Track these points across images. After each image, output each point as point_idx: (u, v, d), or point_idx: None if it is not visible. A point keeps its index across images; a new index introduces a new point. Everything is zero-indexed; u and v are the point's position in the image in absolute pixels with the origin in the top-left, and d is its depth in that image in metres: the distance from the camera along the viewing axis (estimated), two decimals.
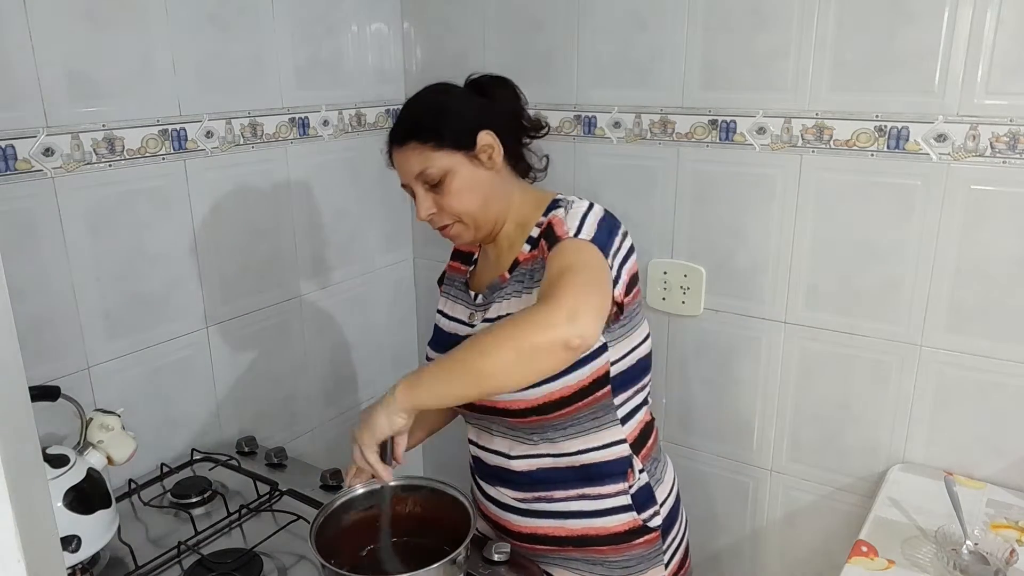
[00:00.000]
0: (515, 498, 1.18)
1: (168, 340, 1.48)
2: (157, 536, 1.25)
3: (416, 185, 1.11)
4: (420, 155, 1.09)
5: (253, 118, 1.57)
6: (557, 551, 1.18)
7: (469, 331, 1.17)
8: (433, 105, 1.13)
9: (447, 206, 1.10)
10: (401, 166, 1.12)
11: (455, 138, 1.09)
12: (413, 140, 1.09)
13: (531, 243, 1.13)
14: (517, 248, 1.15)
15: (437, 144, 1.08)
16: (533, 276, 1.10)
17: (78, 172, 1.29)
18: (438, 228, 1.15)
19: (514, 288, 1.13)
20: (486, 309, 1.16)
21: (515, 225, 1.17)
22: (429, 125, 1.09)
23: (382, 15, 1.85)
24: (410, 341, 2.11)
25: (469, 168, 1.10)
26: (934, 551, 1.22)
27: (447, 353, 0.99)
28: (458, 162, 1.09)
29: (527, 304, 1.08)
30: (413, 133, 1.10)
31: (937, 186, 1.34)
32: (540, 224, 1.13)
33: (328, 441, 1.89)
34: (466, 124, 1.10)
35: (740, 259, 1.56)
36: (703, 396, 1.69)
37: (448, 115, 1.11)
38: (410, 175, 1.11)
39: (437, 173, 1.09)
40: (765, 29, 1.43)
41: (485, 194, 1.12)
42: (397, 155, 1.13)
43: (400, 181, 1.15)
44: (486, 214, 1.13)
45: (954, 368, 1.40)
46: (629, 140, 1.63)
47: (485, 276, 1.21)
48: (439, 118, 1.10)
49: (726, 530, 1.74)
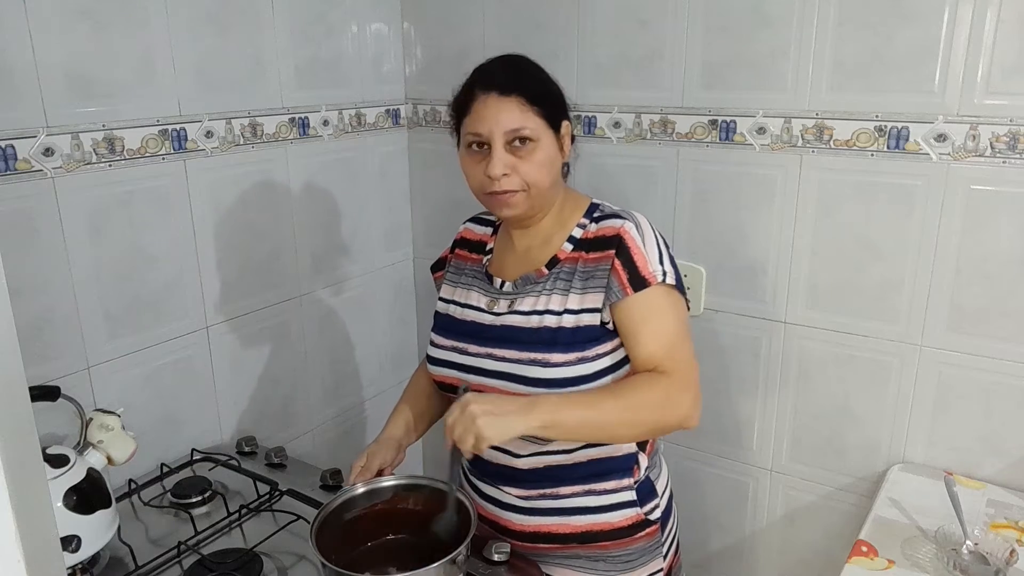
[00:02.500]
0: (519, 496, 1.18)
1: (168, 340, 1.48)
2: (157, 536, 1.25)
3: (499, 140, 1.08)
4: (522, 112, 1.08)
5: (253, 118, 1.57)
6: (560, 549, 1.18)
7: (493, 319, 1.16)
8: (541, 74, 1.16)
9: (525, 172, 1.09)
10: (494, 115, 1.07)
11: (554, 114, 1.12)
12: (521, 96, 1.08)
13: (573, 243, 1.14)
14: (556, 245, 1.15)
15: (540, 110, 1.09)
16: (587, 280, 1.10)
17: (78, 172, 1.29)
18: (495, 192, 1.10)
19: (557, 286, 1.12)
20: (515, 300, 1.15)
21: (555, 220, 1.17)
22: (540, 90, 1.11)
23: (382, 15, 1.85)
24: (410, 341, 2.11)
25: (553, 145, 1.12)
26: (934, 551, 1.22)
27: (587, 398, 1.05)
28: (548, 136, 1.11)
29: (574, 303, 1.10)
30: (523, 89, 1.09)
31: (937, 186, 1.34)
32: (583, 226, 1.15)
33: (328, 441, 1.89)
34: (562, 106, 1.15)
35: (740, 259, 1.56)
36: (703, 396, 1.67)
37: (553, 89, 1.15)
38: (502, 127, 1.07)
39: (531, 135, 1.09)
40: (765, 29, 1.43)
41: (554, 175, 1.13)
42: (494, 102, 1.08)
43: (475, 129, 1.09)
44: (548, 193, 1.14)
45: (954, 368, 1.40)
46: (629, 140, 1.63)
47: (511, 265, 1.20)
48: (549, 89, 1.14)
49: (726, 530, 1.74)
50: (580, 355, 1.08)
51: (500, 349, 1.12)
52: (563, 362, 1.07)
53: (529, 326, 1.11)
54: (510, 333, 1.13)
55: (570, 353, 1.07)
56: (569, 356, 1.07)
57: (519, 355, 1.10)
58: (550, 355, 1.08)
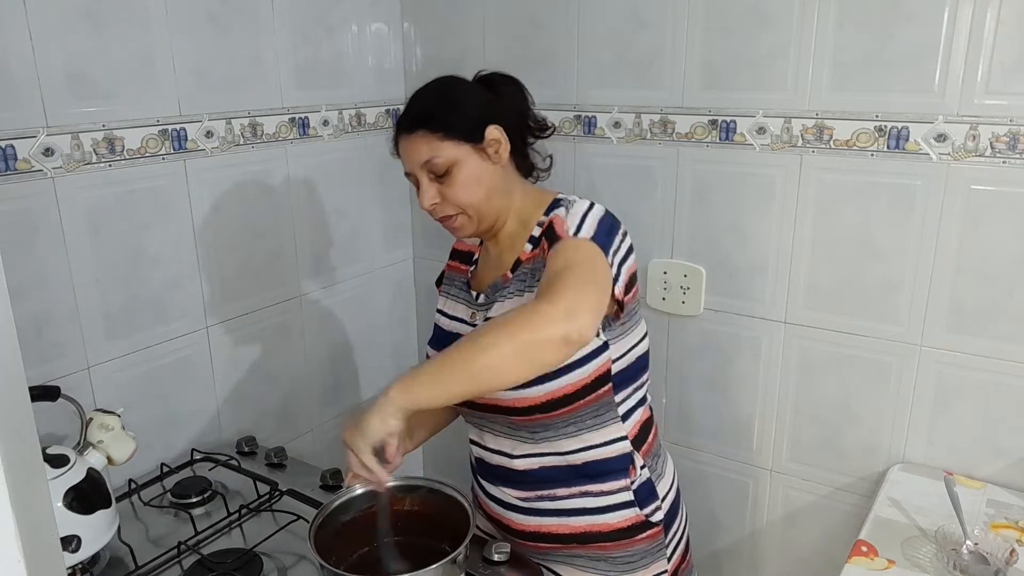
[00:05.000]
0: (518, 497, 1.19)
1: (168, 340, 1.48)
2: (157, 536, 1.25)
3: (421, 174, 1.11)
4: (428, 144, 1.09)
5: (253, 118, 1.57)
6: (561, 548, 1.18)
7: (471, 330, 1.17)
8: (444, 95, 1.13)
9: (452, 197, 1.10)
10: (408, 154, 1.12)
11: (464, 129, 1.10)
12: (422, 128, 1.09)
13: (533, 242, 1.14)
14: (519, 247, 1.15)
15: (446, 134, 1.09)
16: (535, 275, 1.10)
17: (78, 172, 1.29)
18: (440, 219, 1.15)
19: (516, 287, 1.13)
20: (488, 308, 1.16)
21: (517, 224, 1.17)
22: (439, 115, 1.10)
23: (382, 15, 1.85)
24: (410, 341, 2.11)
25: (476, 160, 1.11)
26: (934, 551, 1.22)
27: (443, 351, 0.98)
28: (465, 153, 1.10)
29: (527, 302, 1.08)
30: (422, 121, 1.10)
31: (937, 186, 1.34)
32: (541, 223, 1.14)
33: (328, 441, 1.89)
34: (476, 117, 1.11)
35: (740, 259, 1.56)
36: (703, 396, 1.69)
37: (458, 106, 1.11)
38: (416, 163, 1.11)
39: (444, 163, 1.09)
40: (765, 29, 1.43)
41: (489, 188, 1.12)
42: (404, 143, 1.12)
43: (404, 170, 1.14)
44: (489, 207, 1.13)
45: (954, 368, 1.40)
46: (629, 140, 1.63)
47: (487, 275, 1.21)
48: (449, 108, 1.11)
49: (726, 530, 1.74)
50: None
51: None
52: None
53: None
54: None
55: None
56: None
57: None
58: None
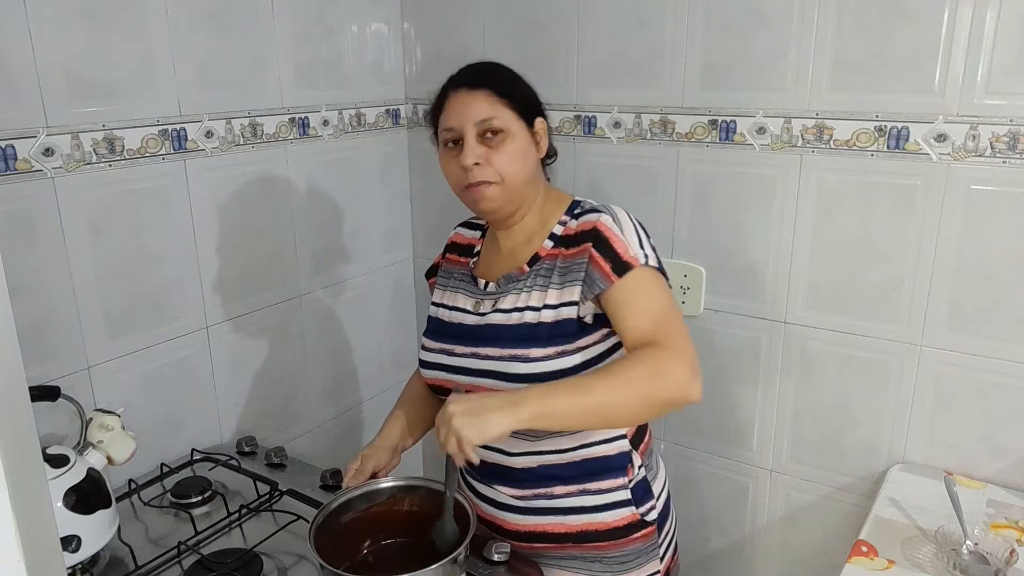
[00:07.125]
0: (514, 496, 1.18)
1: (168, 340, 1.48)
2: (157, 536, 1.25)
3: (470, 132, 1.10)
4: (490, 104, 1.11)
5: (253, 118, 1.57)
6: (556, 548, 1.18)
7: (477, 320, 1.17)
8: (510, 72, 1.17)
9: (497, 163, 1.10)
10: (462, 108, 1.11)
11: (524, 107, 1.13)
12: (488, 88, 1.11)
13: (554, 240, 1.15)
14: (537, 243, 1.16)
15: (509, 102, 1.11)
16: (566, 275, 1.11)
17: (78, 172, 1.29)
18: (471, 185, 1.11)
19: (536, 282, 1.13)
20: (498, 299, 1.16)
21: (537, 219, 1.18)
22: (507, 84, 1.13)
23: (382, 15, 1.85)
24: (410, 341, 2.11)
25: (526, 139, 1.13)
26: (934, 551, 1.22)
27: (575, 382, 1.01)
28: (520, 128, 1.13)
29: (553, 298, 1.10)
30: (490, 82, 1.12)
31: (937, 186, 1.34)
32: (564, 223, 1.15)
33: (328, 441, 1.89)
34: (534, 101, 1.17)
35: (740, 259, 1.56)
36: (703, 396, 1.68)
37: (522, 85, 1.16)
38: (470, 120, 1.10)
39: (501, 126, 1.10)
40: (765, 29, 1.43)
41: (530, 170, 1.14)
42: (461, 96, 1.12)
43: (445, 126, 1.13)
44: (523, 188, 1.14)
45: (954, 368, 1.40)
46: (629, 140, 1.63)
47: (496, 266, 1.21)
48: (517, 83, 1.16)
49: (726, 530, 1.74)
50: (559, 349, 1.08)
51: (484, 348, 1.13)
52: (542, 356, 1.07)
53: (510, 323, 1.12)
54: (493, 331, 1.13)
55: (549, 348, 1.08)
56: (548, 351, 1.08)
57: (501, 352, 1.10)
58: (529, 350, 1.08)
